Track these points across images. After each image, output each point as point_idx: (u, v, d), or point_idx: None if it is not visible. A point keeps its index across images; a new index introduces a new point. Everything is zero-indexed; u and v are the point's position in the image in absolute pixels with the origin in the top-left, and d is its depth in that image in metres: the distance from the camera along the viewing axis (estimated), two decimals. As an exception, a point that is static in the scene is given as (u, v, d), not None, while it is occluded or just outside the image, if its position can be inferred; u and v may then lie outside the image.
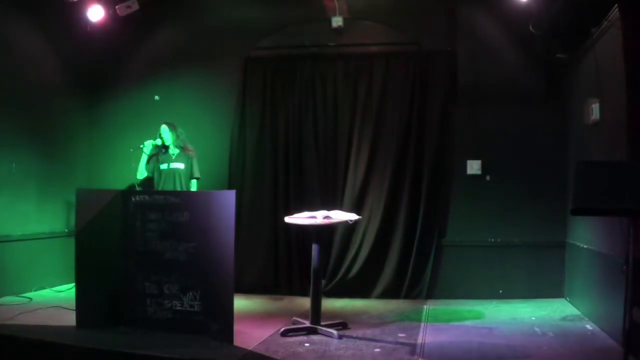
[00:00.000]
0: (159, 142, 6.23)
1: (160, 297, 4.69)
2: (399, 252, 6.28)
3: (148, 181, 6.38)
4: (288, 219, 4.98)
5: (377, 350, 4.31)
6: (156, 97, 6.96)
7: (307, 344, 4.44)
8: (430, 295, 6.25)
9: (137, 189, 6.33)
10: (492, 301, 6.01)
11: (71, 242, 5.11)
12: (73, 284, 5.45)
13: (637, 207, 3.48)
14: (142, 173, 6.29)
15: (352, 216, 5.02)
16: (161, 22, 6.94)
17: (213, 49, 6.80)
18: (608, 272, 4.69)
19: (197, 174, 6.30)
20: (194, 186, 6.28)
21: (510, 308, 5.73)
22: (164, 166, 6.22)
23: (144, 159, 6.27)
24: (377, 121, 6.42)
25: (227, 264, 4.42)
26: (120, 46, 6.99)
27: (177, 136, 6.27)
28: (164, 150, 6.27)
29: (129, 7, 6.34)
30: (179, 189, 6.10)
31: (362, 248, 6.36)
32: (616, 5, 4.51)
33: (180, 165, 6.23)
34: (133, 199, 4.84)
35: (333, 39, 6.61)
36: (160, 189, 6.10)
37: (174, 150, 6.27)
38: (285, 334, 4.67)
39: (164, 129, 6.27)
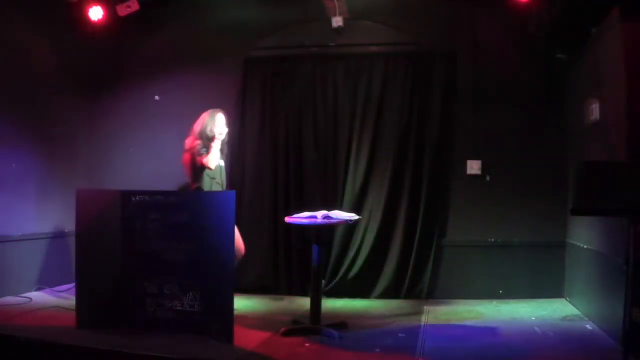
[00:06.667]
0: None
1: (160, 297, 4.69)
2: (399, 252, 6.28)
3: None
4: (288, 219, 4.98)
5: (377, 350, 4.31)
6: (156, 97, 6.97)
7: (307, 344, 4.44)
8: (430, 295, 6.24)
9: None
10: (492, 301, 6.01)
11: (71, 242, 5.10)
12: (73, 284, 5.45)
13: (637, 207, 3.48)
14: (214, 161, 5.45)
15: (352, 216, 5.03)
16: (161, 22, 6.94)
17: (213, 49, 6.80)
18: (608, 272, 4.69)
19: None
20: None
21: (510, 308, 5.73)
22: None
23: (217, 145, 5.45)
24: (377, 121, 6.41)
25: (227, 264, 4.42)
26: (120, 46, 6.99)
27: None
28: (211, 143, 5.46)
29: (128, 7, 6.34)
30: (223, 188, 5.58)
31: (362, 248, 6.35)
32: (616, 5, 4.51)
33: (223, 163, 5.66)
34: (133, 199, 4.83)
35: (333, 39, 6.60)
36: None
37: (217, 145, 5.50)
38: (285, 334, 4.67)
39: (221, 117, 5.53)
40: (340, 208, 5.90)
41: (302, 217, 4.89)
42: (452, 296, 6.16)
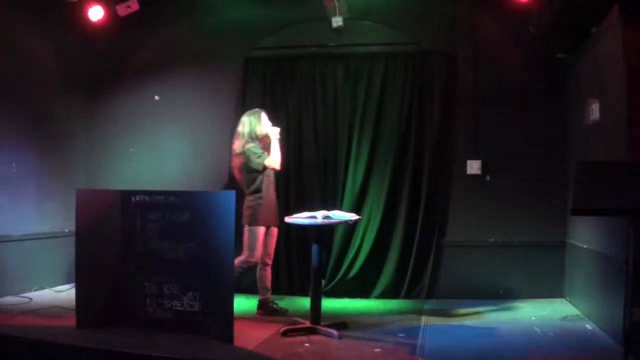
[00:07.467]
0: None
1: (160, 297, 4.69)
2: (399, 252, 6.28)
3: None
4: (288, 219, 4.99)
5: (377, 350, 4.31)
6: (156, 97, 6.96)
7: (307, 344, 4.44)
8: (430, 295, 6.24)
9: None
10: (492, 301, 6.01)
11: (71, 242, 5.10)
12: (73, 284, 5.45)
13: (637, 207, 3.48)
14: (277, 162, 5.46)
15: (352, 216, 5.02)
16: (161, 22, 6.93)
17: (213, 49, 6.80)
18: (608, 272, 4.69)
19: None
20: None
21: (510, 308, 5.73)
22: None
23: (276, 145, 5.42)
24: (377, 121, 6.41)
25: (227, 264, 4.42)
26: (120, 46, 6.99)
27: None
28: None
29: (128, 7, 6.34)
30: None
31: (362, 248, 6.35)
32: (616, 5, 4.51)
33: None
34: (133, 199, 4.84)
35: (333, 39, 6.60)
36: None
37: (275, 145, 5.50)
38: (285, 334, 4.67)
39: (265, 116, 5.59)
40: (340, 208, 5.90)
41: (302, 217, 4.89)
42: (452, 296, 6.16)
